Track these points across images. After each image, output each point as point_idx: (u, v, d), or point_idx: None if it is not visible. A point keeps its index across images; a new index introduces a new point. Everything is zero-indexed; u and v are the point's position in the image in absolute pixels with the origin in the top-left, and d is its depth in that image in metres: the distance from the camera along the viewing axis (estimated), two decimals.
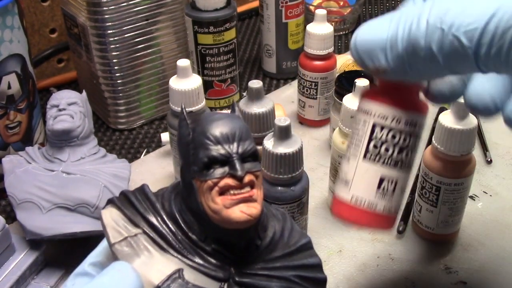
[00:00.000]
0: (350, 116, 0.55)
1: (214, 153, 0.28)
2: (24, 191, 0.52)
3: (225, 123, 0.29)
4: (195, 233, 0.29)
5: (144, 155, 0.71)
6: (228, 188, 0.28)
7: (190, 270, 0.28)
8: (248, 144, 0.29)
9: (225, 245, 0.29)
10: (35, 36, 0.83)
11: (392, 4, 1.09)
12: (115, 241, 0.29)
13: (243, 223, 0.28)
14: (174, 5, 0.72)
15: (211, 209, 0.28)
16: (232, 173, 0.28)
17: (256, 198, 0.28)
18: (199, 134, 0.29)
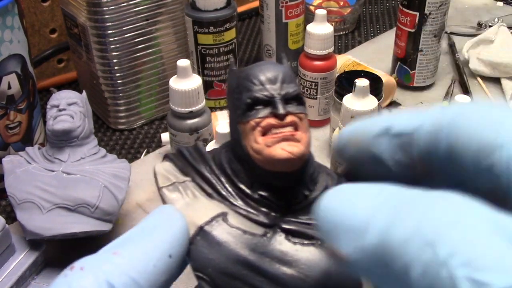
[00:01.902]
0: (350, 116, 0.55)
1: (256, 93, 0.28)
2: (24, 191, 0.52)
3: (269, 67, 0.30)
4: (242, 181, 0.29)
5: (144, 155, 0.71)
6: (270, 128, 0.28)
7: (235, 215, 0.28)
8: (292, 87, 0.29)
9: (272, 192, 0.29)
10: (35, 36, 0.83)
11: (392, 4, 1.09)
12: (162, 185, 0.30)
13: (284, 161, 0.27)
14: (174, 5, 0.72)
15: (254, 149, 0.28)
16: (274, 111, 0.28)
17: (300, 139, 0.28)
18: (243, 78, 0.29)
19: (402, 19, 0.77)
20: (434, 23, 0.76)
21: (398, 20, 0.78)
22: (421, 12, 0.75)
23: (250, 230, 0.28)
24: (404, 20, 0.77)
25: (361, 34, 0.99)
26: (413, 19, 0.76)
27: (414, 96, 0.81)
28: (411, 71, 0.80)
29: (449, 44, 0.92)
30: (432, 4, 0.74)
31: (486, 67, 0.81)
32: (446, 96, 0.79)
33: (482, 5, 1.07)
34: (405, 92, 0.81)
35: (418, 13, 0.75)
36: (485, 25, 0.96)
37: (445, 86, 0.82)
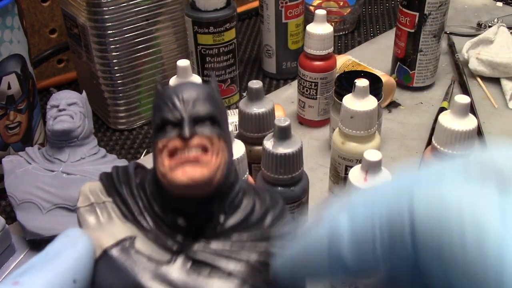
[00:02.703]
0: (350, 116, 0.55)
1: (165, 114, 0.27)
2: (24, 191, 0.52)
3: (185, 87, 0.28)
4: (157, 203, 0.28)
5: (144, 155, 0.71)
6: (177, 150, 0.27)
7: (144, 239, 0.28)
8: (206, 107, 0.27)
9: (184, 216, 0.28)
10: (35, 37, 0.83)
11: (392, 4, 1.09)
12: (80, 205, 0.29)
13: (184, 187, 0.26)
14: (174, 5, 0.72)
15: (160, 172, 0.27)
16: (180, 133, 0.27)
17: (206, 163, 0.26)
18: (158, 98, 0.28)
19: (401, 19, 0.77)
20: (433, 23, 0.76)
21: (398, 20, 0.78)
22: (421, 12, 0.75)
23: (155, 257, 0.27)
24: (404, 20, 0.77)
25: (361, 34, 0.99)
26: (412, 19, 0.76)
27: (414, 96, 0.81)
28: (410, 71, 0.80)
29: (448, 44, 0.92)
30: (431, 4, 0.74)
31: (486, 67, 0.81)
32: (446, 96, 0.79)
33: (481, 5, 1.07)
34: (405, 92, 0.81)
35: (418, 13, 0.75)
36: (485, 25, 0.96)
37: (445, 86, 0.82)
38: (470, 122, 0.49)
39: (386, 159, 0.67)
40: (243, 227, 0.29)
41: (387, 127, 0.74)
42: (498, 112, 0.77)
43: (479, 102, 0.78)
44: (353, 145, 0.56)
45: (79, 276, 0.24)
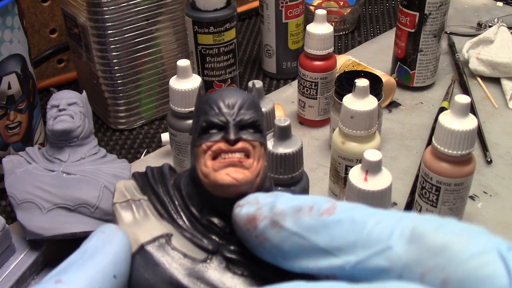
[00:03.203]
0: (350, 116, 0.55)
1: (211, 117, 0.28)
2: (24, 191, 0.52)
3: (229, 93, 0.29)
4: (194, 204, 0.29)
5: (144, 155, 0.71)
6: (220, 152, 0.28)
7: (180, 237, 0.28)
8: (249, 114, 0.29)
9: (220, 218, 0.29)
10: (35, 37, 0.83)
11: (392, 4, 1.09)
12: (116, 201, 0.30)
13: (227, 187, 0.27)
14: (174, 5, 0.72)
15: (202, 172, 0.28)
16: (225, 136, 0.28)
17: (248, 166, 0.28)
18: (204, 102, 0.29)
19: (402, 19, 0.77)
20: (434, 23, 0.76)
21: (398, 20, 0.78)
22: (421, 12, 0.75)
23: (191, 254, 0.28)
24: (404, 20, 0.77)
25: (361, 34, 0.99)
26: (413, 19, 0.76)
27: (414, 96, 0.81)
28: (411, 71, 0.80)
29: (449, 44, 0.92)
30: (432, 4, 0.74)
31: (486, 67, 0.81)
32: (446, 96, 0.79)
33: (482, 5, 1.07)
34: (405, 92, 0.81)
35: (418, 13, 0.75)
36: (485, 25, 0.96)
37: (445, 86, 0.82)
38: (470, 122, 0.49)
39: (386, 159, 0.67)
40: None
41: (387, 127, 0.74)
42: (498, 112, 0.77)
43: (479, 102, 0.78)
44: (353, 145, 0.56)
45: (119, 271, 0.25)
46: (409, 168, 0.66)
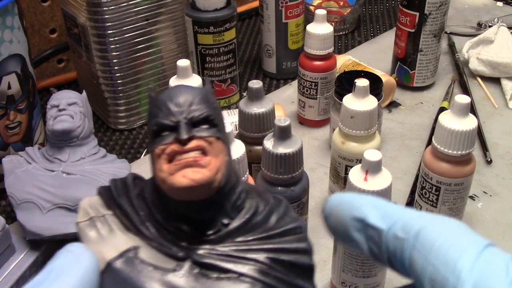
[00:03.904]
0: (350, 116, 0.55)
1: (161, 119, 0.27)
2: (24, 191, 0.52)
3: (178, 91, 0.28)
4: (159, 211, 0.28)
5: (144, 155, 0.71)
6: (175, 154, 0.26)
7: (148, 248, 0.27)
8: (202, 110, 0.27)
9: (186, 222, 0.27)
10: (35, 36, 0.83)
11: (392, 4, 1.09)
12: (79, 220, 0.29)
13: (186, 190, 0.26)
14: (174, 5, 0.72)
15: (159, 178, 0.26)
16: (177, 137, 0.26)
17: (206, 164, 0.26)
18: (153, 105, 0.28)
19: (402, 19, 0.77)
20: (434, 23, 0.76)
21: (398, 20, 0.78)
22: (421, 12, 0.75)
23: (160, 265, 0.26)
24: (404, 20, 0.77)
25: (361, 34, 0.99)
26: (413, 19, 0.76)
27: (414, 96, 0.81)
28: (411, 71, 0.80)
29: (449, 44, 0.92)
30: (432, 4, 0.74)
31: (486, 67, 0.81)
32: (446, 96, 0.79)
33: (482, 5, 1.07)
34: (405, 92, 0.81)
35: (418, 13, 0.75)
36: (485, 25, 0.96)
37: (445, 86, 0.82)
38: (470, 122, 0.49)
39: (386, 159, 0.67)
40: (247, 228, 0.28)
41: (387, 127, 0.74)
42: (498, 112, 0.77)
43: (479, 102, 0.78)
44: (353, 145, 0.56)
45: None
46: (409, 168, 0.66)
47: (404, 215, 0.26)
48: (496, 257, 0.23)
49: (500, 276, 0.22)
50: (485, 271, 0.23)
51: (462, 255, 0.23)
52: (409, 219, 0.26)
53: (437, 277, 0.24)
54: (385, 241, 0.27)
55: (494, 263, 0.23)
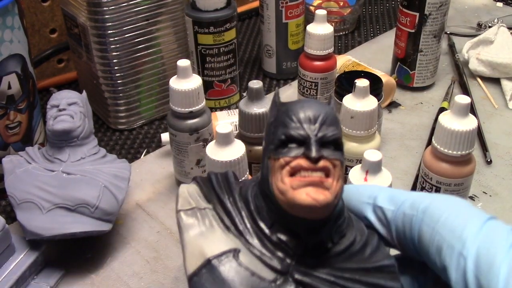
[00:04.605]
0: (350, 116, 0.55)
1: (292, 131, 0.27)
2: (24, 191, 0.52)
3: (311, 105, 0.27)
4: (263, 219, 0.28)
5: (144, 155, 0.71)
6: (300, 169, 0.26)
7: (248, 253, 0.27)
8: (332, 131, 0.27)
9: (291, 237, 0.27)
10: (35, 36, 0.83)
11: (392, 4, 1.09)
12: (181, 208, 0.29)
13: (307, 208, 0.25)
14: (174, 5, 0.72)
15: (279, 188, 0.26)
16: (306, 153, 0.26)
17: (329, 187, 0.26)
18: (282, 112, 0.28)
19: (402, 20, 0.77)
20: (434, 24, 0.76)
21: (398, 20, 0.78)
22: (421, 12, 0.75)
23: (259, 273, 0.26)
24: (404, 20, 0.77)
25: (361, 35, 0.99)
26: (413, 19, 0.76)
27: (414, 96, 0.81)
28: (411, 72, 0.80)
29: (449, 44, 0.92)
30: (432, 4, 0.74)
31: (486, 68, 0.81)
32: (446, 97, 0.79)
33: (482, 5, 1.07)
34: (405, 92, 0.81)
35: (418, 13, 0.75)
36: (485, 26, 0.96)
37: (445, 86, 0.82)
38: (470, 122, 0.49)
39: (386, 159, 0.67)
40: (345, 256, 0.28)
41: (387, 127, 0.74)
42: (498, 112, 0.77)
43: (479, 102, 0.78)
44: (353, 145, 0.56)
45: None
46: (409, 168, 0.66)
47: (411, 196, 0.28)
48: (498, 226, 0.25)
49: (501, 241, 0.24)
50: (488, 237, 0.24)
51: (467, 225, 0.25)
52: (416, 198, 0.28)
53: (444, 244, 0.25)
54: (394, 221, 0.29)
55: (496, 231, 0.25)
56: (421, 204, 0.27)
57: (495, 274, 0.23)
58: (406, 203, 0.28)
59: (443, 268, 0.25)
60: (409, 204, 0.28)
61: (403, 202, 0.28)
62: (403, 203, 0.28)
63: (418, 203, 0.27)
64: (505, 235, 0.24)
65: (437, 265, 0.26)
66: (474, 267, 0.24)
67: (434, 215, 0.26)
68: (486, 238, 0.24)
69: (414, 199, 0.28)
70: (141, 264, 0.55)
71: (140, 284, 0.53)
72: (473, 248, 0.24)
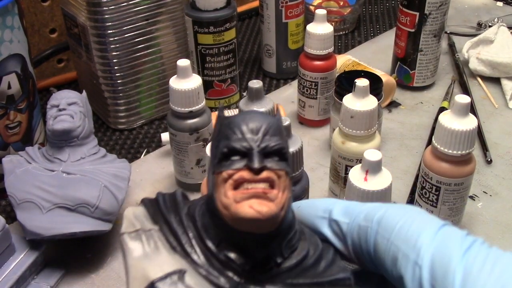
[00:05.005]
0: (350, 116, 0.55)
1: (233, 143, 0.26)
2: (24, 191, 0.52)
3: (253, 117, 0.27)
4: (210, 237, 0.27)
5: (144, 155, 0.71)
6: (243, 182, 0.25)
7: (194, 274, 0.26)
8: (275, 141, 0.26)
9: (239, 254, 0.27)
10: (35, 36, 0.83)
11: (392, 4, 1.09)
12: (125, 231, 0.28)
13: (250, 221, 0.25)
14: (174, 5, 0.72)
15: (222, 203, 0.26)
16: (249, 164, 0.26)
17: (273, 198, 0.25)
18: (225, 126, 0.27)
19: (402, 19, 0.77)
20: (434, 23, 0.76)
21: (398, 20, 0.78)
22: (421, 12, 0.75)
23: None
24: (404, 20, 0.77)
25: (361, 34, 0.99)
26: (413, 19, 0.76)
27: (414, 96, 0.81)
28: (411, 71, 0.80)
29: (449, 44, 0.92)
30: (432, 4, 0.74)
31: (486, 67, 0.81)
32: (446, 96, 0.79)
33: (482, 5, 1.07)
34: (405, 92, 0.81)
35: (418, 13, 0.75)
36: (485, 25, 0.96)
37: (445, 86, 0.82)
38: (470, 122, 0.49)
39: (386, 159, 0.67)
40: (298, 271, 0.28)
41: (387, 127, 0.74)
42: (498, 112, 0.77)
43: (479, 102, 0.78)
44: (353, 145, 0.56)
45: None
46: (409, 168, 0.66)
47: (365, 208, 0.28)
48: (452, 233, 0.25)
49: (456, 247, 0.24)
50: (442, 244, 0.24)
51: (421, 234, 0.25)
52: (371, 210, 0.28)
53: (399, 254, 0.25)
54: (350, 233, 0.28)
55: (450, 238, 0.24)
56: (375, 215, 0.27)
57: (450, 281, 0.22)
58: (361, 215, 0.28)
59: (399, 279, 0.25)
60: (363, 216, 0.27)
61: (357, 214, 0.28)
62: (357, 215, 0.28)
63: (373, 214, 0.27)
64: (459, 241, 0.24)
65: (394, 276, 0.25)
66: (429, 276, 0.23)
67: (388, 225, 0.26)
68: (441, 245, 0.24)
69: (369, 211, 0.27)
70: None
71: None
72: (427, 256, 0.24)
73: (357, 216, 0.28)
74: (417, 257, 0.24)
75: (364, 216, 0.27)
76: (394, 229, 0.26)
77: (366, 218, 0.27)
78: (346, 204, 0.29)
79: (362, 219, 0.27)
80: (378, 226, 0.26)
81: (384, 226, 0.26)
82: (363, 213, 0.28)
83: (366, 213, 0.27)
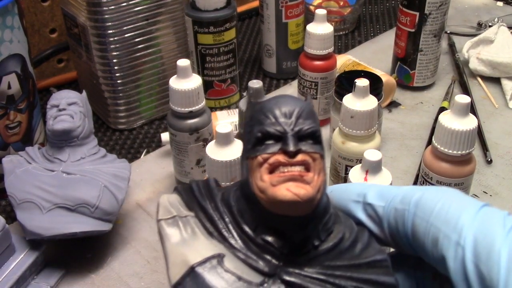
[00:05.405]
0: (350, 116, 0.55)
1: (267, 127, 0.26)
2: (24, 191, 0.52)
3: (285, 101, 0.27)
4: (246, 221, 0.27)
5: (144, 155, 0.71)
6: (279, 165, 0.25)
7: (233, 258, 0.26)
8: (308, 124, 0.26)
9: (276, 238, 0.27)
10: (35, 36, 0.83)
11: (392, 4, 1.09)
12: (161, 218, 0.28)
13: (288, 204, 0.25)
14: (174, 5, 0.72)
15: (259, 187, 0.26)
16: (284, 148, 0.26)
17: (310, 181, 0.25)
18: (257, 111, 0.27)
19: (402, 19, 0.77)
20: (434, 23, 0.76)
21: (398, 20, 0.78)
22: (421, 12, 0.75)
23: (246, 277, 0.26)
24: (404, 20, 0.77)
25: (361, 34, 0.99)
26: (413, 19, 0.76)
27: (414, 96, 0.81)
28: (411, 71, 0.80)
29: (449, 44, 0.92)
30: (432, 4, 0.74)
31: (486, 67, 0.81)
32: (446, 96, 0.79)
33: (482, 5, 1.07)
34: (405, 92, 0.81)
35: (418, 13, 0.75)
36: (485, 25, 0.96)
37: (445, 86, 0.82)
38: (470, 122, 0.49)
39: (386, 159, 0.67)
40: (335, 253, 0.28)
41: (387, 127, 0.74)
42: (498, 112, 0.77)
43: (479, 102, 0.78)
44: (353, 145, 0.56)
45: None
46: (409, 168, 0.66)
47: (401, 190, 0.28)
48: (493, 213, 0.25)
49: (498, 227, 0.23)
50: (484, 224, 0.24)
51: (462, 214, 0.25)
52: (407, 192, 0.28)
53: (440, 236, 0.25)
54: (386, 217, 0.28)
55: (492, 218, 0.24)
56: (412, 197, 0.27)
57: (495, 261, 0.22)
58: (397, 198, 0.28)
59: (440, 260, 0.25)
60: (399, 199, 0.27)
61: (393, 197, 0.28)
62: (393, 198, 0.28)
63: (409, 196, 0.27)
64: (501, 221, 0.24)
65: (434, 257, 0.25)
66: (473, 256, 0.23)
67: (427, 207, 0.26)
68: (482, 225, 0.24)
69: (405, 193, 0.28)
70: (141, 264, 0.55)
71: (140, 284, 0.53)
72: (469, 236, 0.24)
73: (393, 199, 0.28)
74: (459, 237, 0.24)
75: (401, 199, 0.27)
76: (433, 211, 0.26)
77: (402, 201, 0.27)
78: (380, 187, 0.29)
79: (398, 202, 0.27)
80: (416, 209, 0.26)
81: (422, 208, 0.26)
82: (399, 196, 0.28)
83: (402, 196, 0.27)
